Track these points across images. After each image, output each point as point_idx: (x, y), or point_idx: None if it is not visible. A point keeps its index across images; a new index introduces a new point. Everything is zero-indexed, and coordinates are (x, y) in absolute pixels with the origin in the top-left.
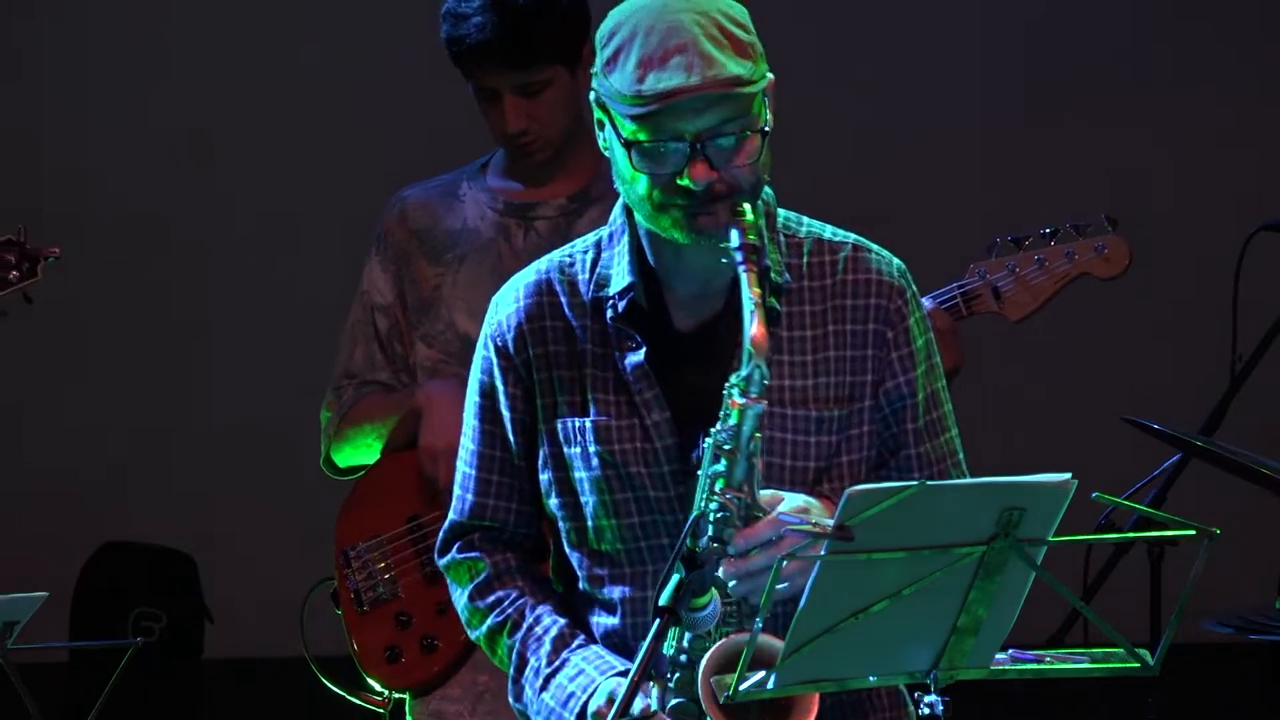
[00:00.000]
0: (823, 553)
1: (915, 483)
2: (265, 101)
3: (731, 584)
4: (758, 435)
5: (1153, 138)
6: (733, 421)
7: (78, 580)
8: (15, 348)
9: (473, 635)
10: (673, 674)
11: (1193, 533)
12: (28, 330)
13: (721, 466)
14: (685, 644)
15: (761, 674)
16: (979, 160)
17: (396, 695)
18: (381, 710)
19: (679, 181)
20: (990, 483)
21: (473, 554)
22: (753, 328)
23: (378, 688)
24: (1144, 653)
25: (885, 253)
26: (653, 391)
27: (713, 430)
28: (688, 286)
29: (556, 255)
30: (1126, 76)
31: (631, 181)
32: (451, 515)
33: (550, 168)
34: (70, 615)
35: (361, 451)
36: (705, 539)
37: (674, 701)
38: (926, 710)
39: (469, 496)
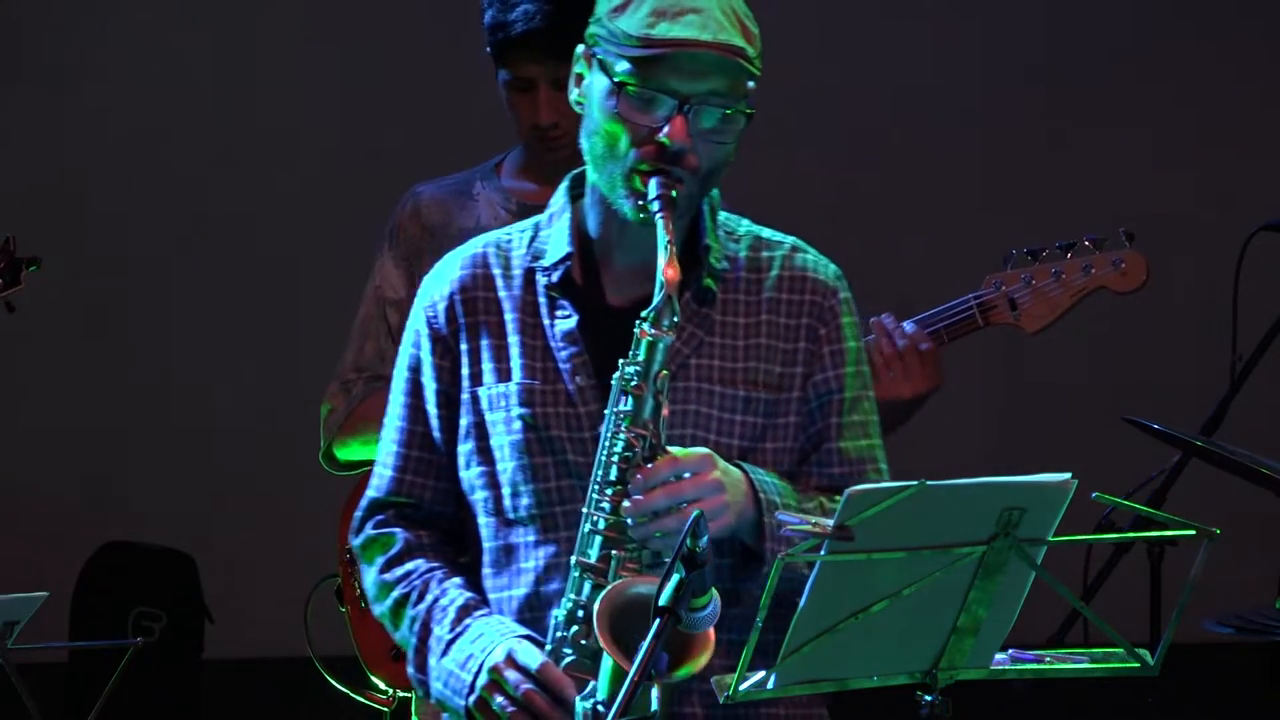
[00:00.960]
0: (823, 553)
1: (915, 483)
2: (265, 101)
3: (629, 522)
4: (665, 373)
5: (1153, 138)
6: (641, 355)
7: (78, 580)
8: (15, 348)
9: (377, 609)
10: (569, 628)
11: (1193, 533)
12: (28, 330)
13: (629, 405)
14: (583, 597)
15: (761, 674)
16: (979, 160)
17: (401, 694)
18: (386, 709)
19: (658, 138)
20: (990, 483)
21: (387, 530)
22: (665, 264)
23: (382, 686)
24: (1144, 653)
25: (823, 256)
26: (580, 358)
27: (621, 364)
28: (625, 261)
29: (493, 234)
30: (1127, 77)
31: (607, 133)
32: (369, 492)
33: (566, 168)
34: (70, 615)
35: (369, 446)
36: (705, 539)
37: (568, 659)
38: (927, 710)
39: (388, 472)
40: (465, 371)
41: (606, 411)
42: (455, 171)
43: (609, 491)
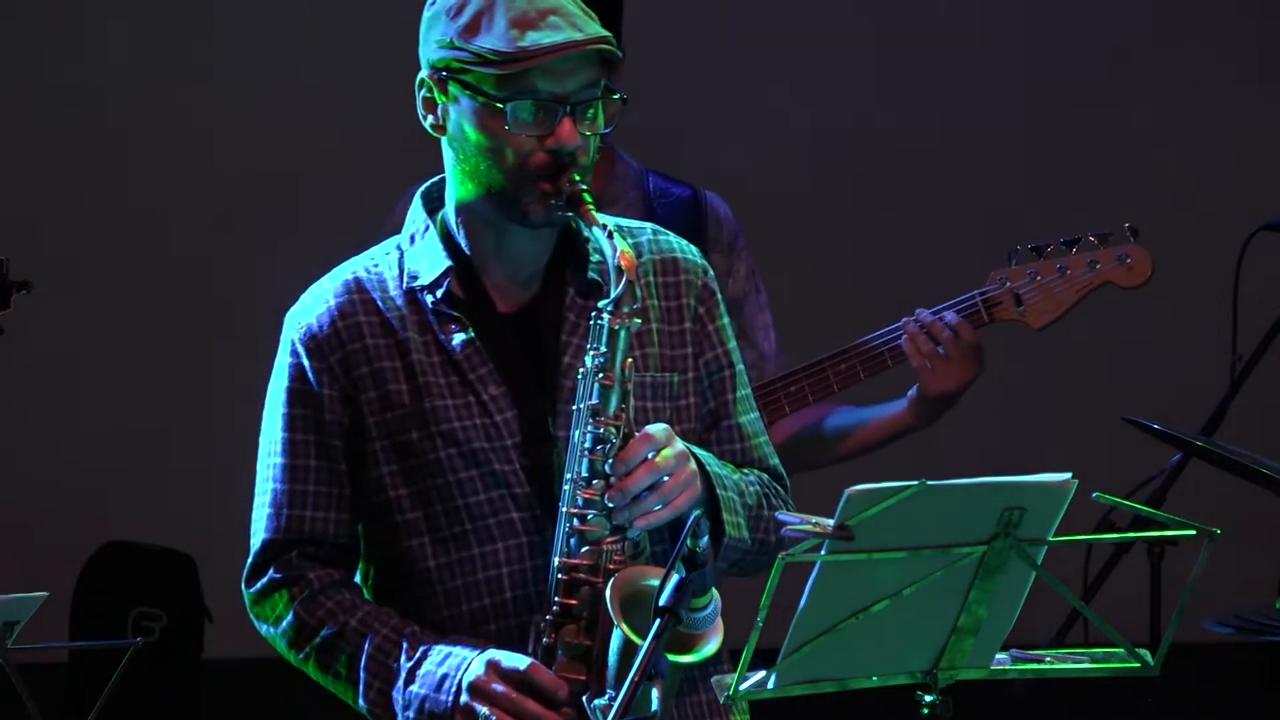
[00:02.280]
0: (823, 553)
1: (915, 483)
2: (265, 101)
3: (612, 506)
4: (630, 360)
5: (1153, 138)
6: (604, 345)
7: (78, 580)
8: (15, 348)
9: (297, 655)
10: (556, 630)
11: (1193, 533)
12: (28, 330)
13: (595, 399)
14: (572, 598)
15: (761, 674)
16: (979, 161)
17: None
18: None
19: (548, 146)
20: (990, 482)
21: (293, 572)
22: (617, 251)
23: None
24: (1144, 653)
25: (682, 238)
26: (486, 367)
27: (586, 357)
28: (505, 270)
29: (356, 260)
30: (1127, 77)
31: (490, 152)
32: (262, 535)
33: None
34: (70, 615)
35: None
36: (705, 539)
37: (557, 660)
38: (927, 710)
39: (283, 512)
40: (363, 397)
41: (574, 407)
42: None
43: (583, 488)
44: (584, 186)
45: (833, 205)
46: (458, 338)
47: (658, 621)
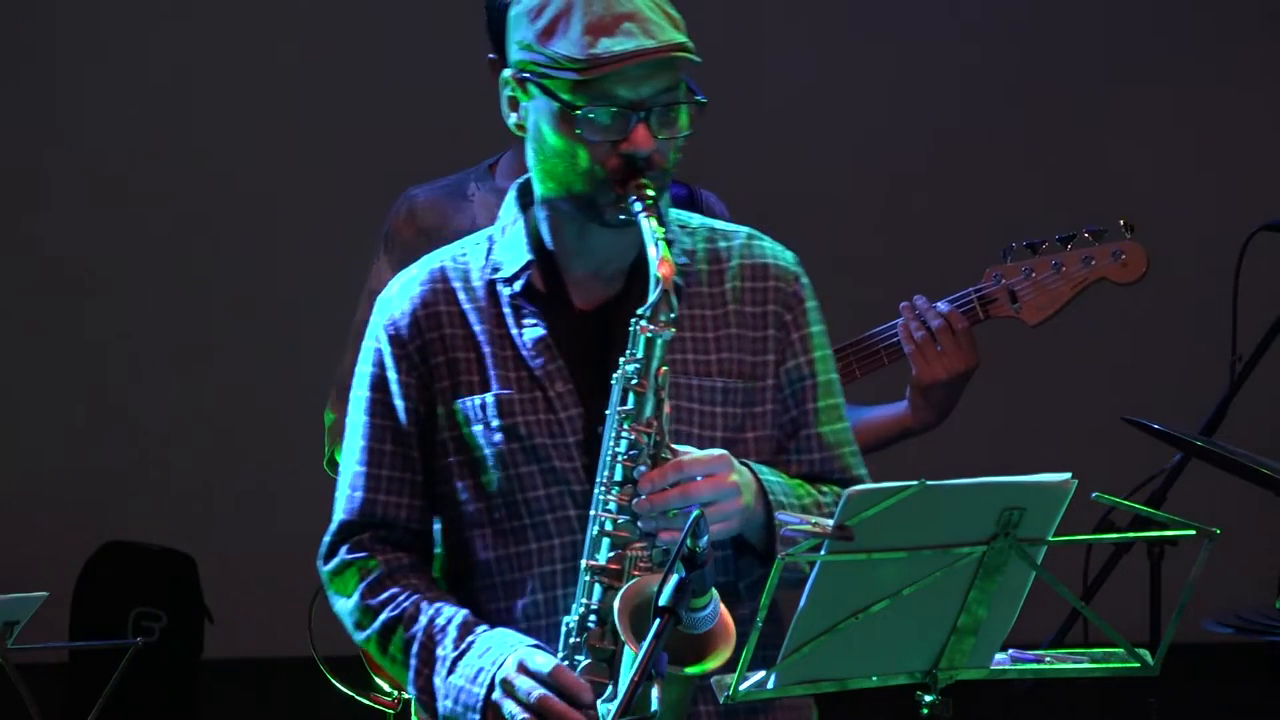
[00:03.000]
0: (823, 553)
1: (915, 483)
2: (263, 103)
3: (644, 520)
4: (665, 369)
5: (1153, 138)
6: (640, 352)
7: (78, 580)
8: (16, 348)
9: (360, 636)
10: (582, 633)
11: (1193, 533)
12: (28, 330)
13: (630, 405)
14: (595, 601)
15: (761, 674)
16: (980, 160)
17: (405, 696)
18: (390, 711)
19: (622, 150)
20: (990, 482)
21: (363, 554)
22: (659, 258)
23: (387, 688)
24: (1144, 653)
25: (779, 244)
26: (555, 364)
27: (621, 362)
28: (587, 267)
29: (447, 250)
30: (1127, 77)
31: (565, 154)
32: (339, 515)
33: None
34: (70, 615)
35: None
36: (705, 539)
37: (583, 663)
38: (927, 710)
39: (358, 494)
40: (438, 386)
41: (608, 412)
42: (450, 173)
43: (614, 491)
44: (650, 193)
45: (830, 204)
46: (530, 332)
47: (657, 621)
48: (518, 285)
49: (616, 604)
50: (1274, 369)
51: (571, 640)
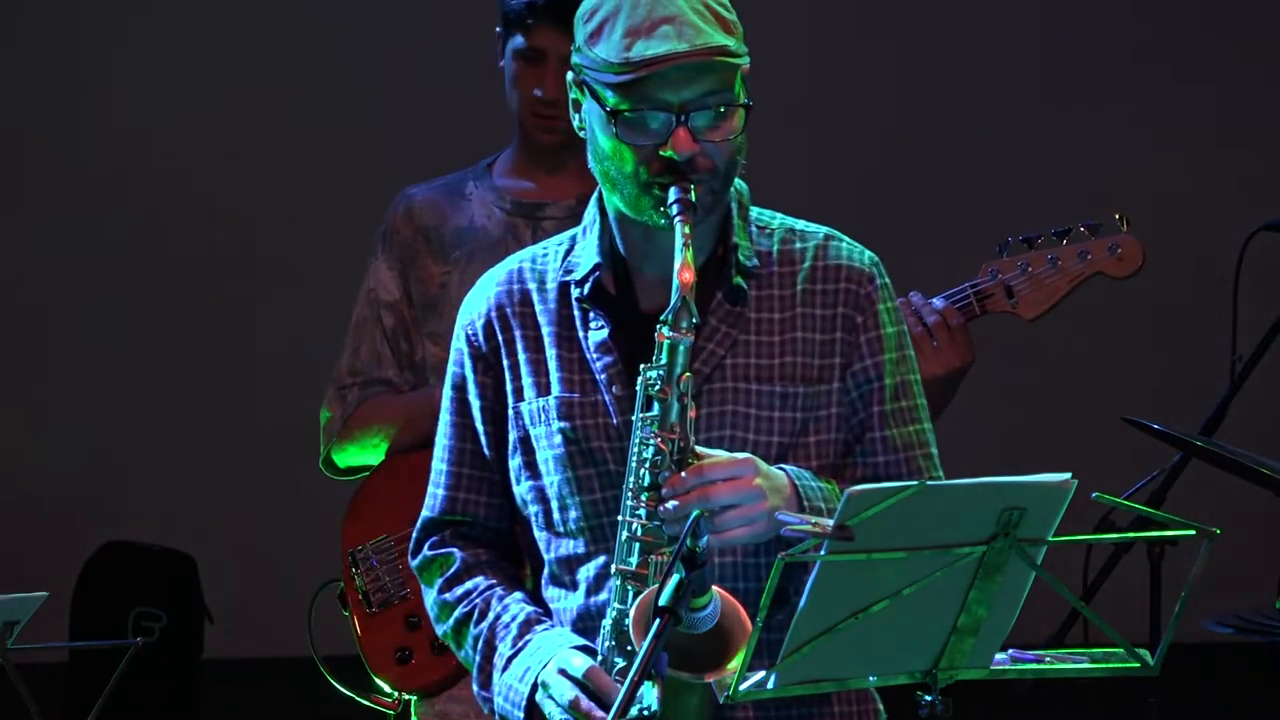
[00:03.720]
0: (823, 553)
1: (915, 483)
2: (261, 103)
3: (665, 525)
4: (688, 375)
5: (1153, 137)
6: (663, 359)
7: (78, 580)
8: (16, 348)
9: (440, 629)
10: (615, 636)
11: (1193, 533)
12: (28, 330)
13: (654, 410)
14: (628, 605)
15: (761, 674)
16: (979, 161)
17: (406, 696)
18: (390, 711)
19: (662, 153)
20: (990, 483)
21: (444, 550)
22: (680, 267)
23: (387, 689)
24: (1144, 653)
25: (858, 245)
26: (616, 368)
27: (642, 369)
28: (655, 269)
29: (530, 250)
30: (1127, 76)
31: (614, 157)
32: (425, 513)
33: (557, 161)
34: (70, 615)
35: (367, 452)
36: (705, 539)
37: (619, 666)
38: (926, 710)
39: (440, 492)
40: (509, 387)
41: (633, 418)
42: (448, 173)
43: (643, 497)
44: (692, 195)
45: (828, 201)
46: (595, 335)
47: (657, 621)
48: (586, 288)
49: (632, 613)
50: (1274, 369)
51: (608, 644)
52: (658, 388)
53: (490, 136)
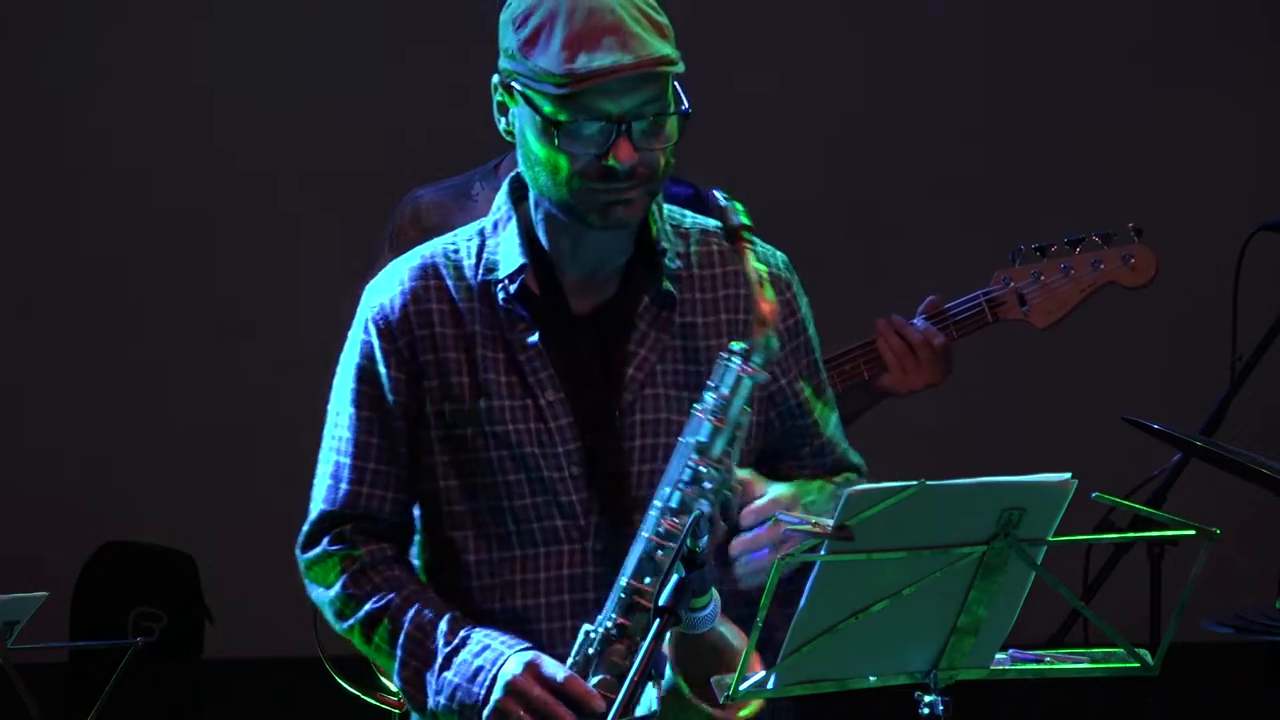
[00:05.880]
0: (823, 553)
1: (915, 483)
2: (265, 103)
3: (737, 561)
4: (747, 409)
5: (1153, 138)
6: (726, 389)
7: (78, 580)
8: (16, 348)
9: (341, 625)
10: (604, 646)
11: (1193, 533)
12: (28, 330)
13: (704, 437)
14: (630, 619)
15: (761, 674)
16: (978, 160)
17: None
18: (395, 710)
19: (604, 163)
20: (990, 482)
21: (345, 545)
22: (761, 299)
23: (393, 687)
24: (1144, 653)
25: (769, 245)
26: (547, 371)
27: (706, 394)
28: (581, 270)
29: (438, 242)
30: (1126, 76)
31: (548, 164)
32: (320, 506)
33: None
34: (70, 615)
35: None
36: (705, 539)
37: (597, 677)
38: (927, 710)
39: (343, 485)
40: (426, 384)
41: (681, 439)
42: (455, 174)
43: (670, 518)
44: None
45: (837, 207)
46: (523, 338)
47: (657, 621)
48: (512, 289)
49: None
50: (1274, 369)
51: (589, 650)
52: (715, 417)
53: (497, 135)
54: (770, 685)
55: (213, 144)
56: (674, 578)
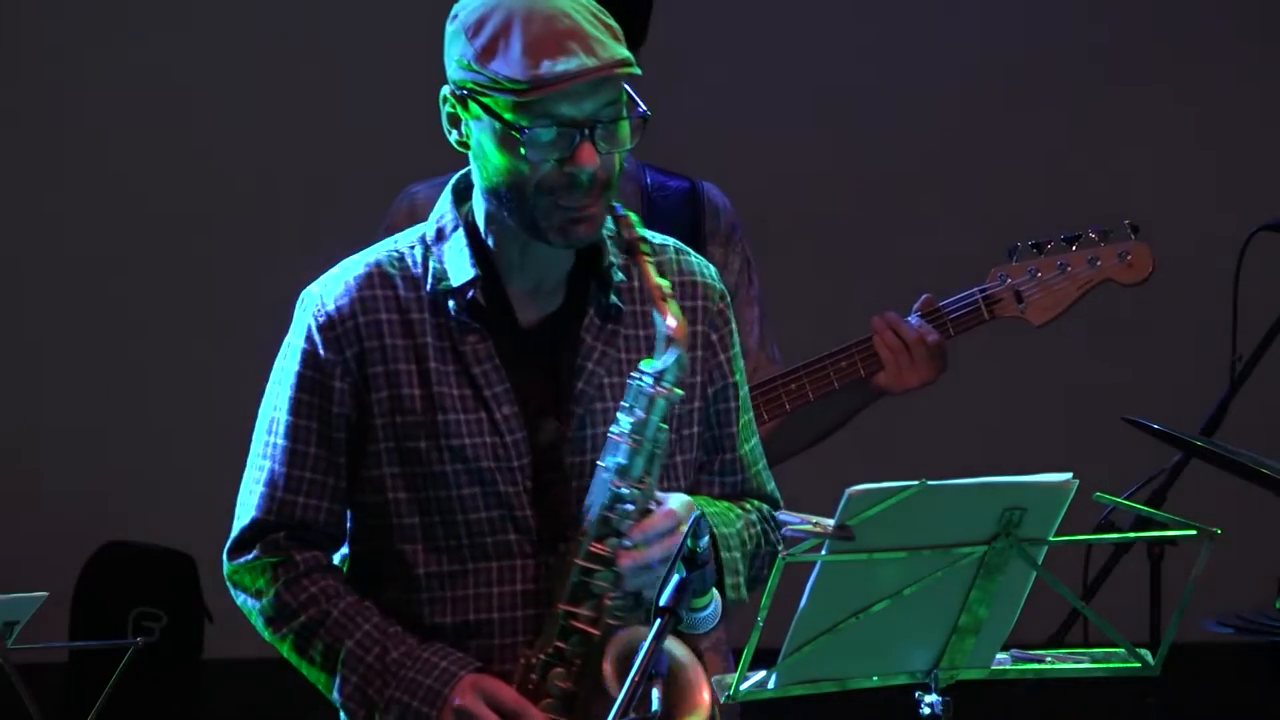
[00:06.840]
0: (823, 553)
1: (916, 483)
2: (264, 102)
3: (629, 577)
4: (664, 427)
5: (1152, 137)
6: (641, 411)
7: (78, 580)
8: (16, 347)
9: (273, 634)
10: (547, 672)
11: (1193, 533)
12: (28, 330)
13: (623, 459)
14: (569, 645)
15: (761, 674)
16: (980, 160)
17: None
18: None
19: (566, 169)
20: (991, 482)
21: (278, 554)
22: (667, 319)
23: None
24: (1144, 653)
25: (701, 257)
26: (502, 385)
27: (621, 415)
28: (528, 282)
29: (383, 247)
30: (1126, 76)
31: (508, 173)
32: (252, 513)
33: None
34: (70, 615)
35: None
36: (705, 539)
37: (545, 703)
38: (927, 710)
39: (277, 494)
40: (374, 396)
41: (600, 463)
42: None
43: (596, 542)
44: (640, 233)
45: (836, 203)
46: (477, 352)
47: (658, 621)
48: (465, 300)
49: (609, 655)
50: (1274, 369)
51: (532, 676)
52: (632, 438)
53: None
54: (770, 685)
55: (213, 144)
56: (675, 578)
